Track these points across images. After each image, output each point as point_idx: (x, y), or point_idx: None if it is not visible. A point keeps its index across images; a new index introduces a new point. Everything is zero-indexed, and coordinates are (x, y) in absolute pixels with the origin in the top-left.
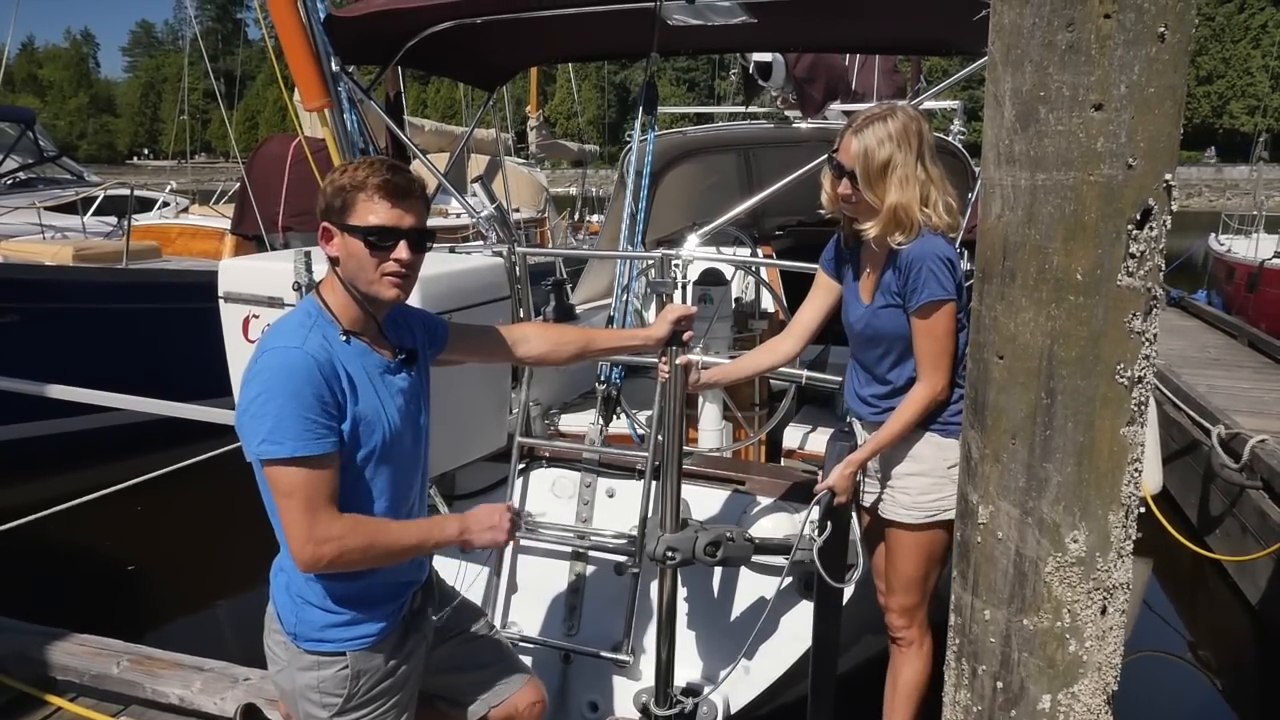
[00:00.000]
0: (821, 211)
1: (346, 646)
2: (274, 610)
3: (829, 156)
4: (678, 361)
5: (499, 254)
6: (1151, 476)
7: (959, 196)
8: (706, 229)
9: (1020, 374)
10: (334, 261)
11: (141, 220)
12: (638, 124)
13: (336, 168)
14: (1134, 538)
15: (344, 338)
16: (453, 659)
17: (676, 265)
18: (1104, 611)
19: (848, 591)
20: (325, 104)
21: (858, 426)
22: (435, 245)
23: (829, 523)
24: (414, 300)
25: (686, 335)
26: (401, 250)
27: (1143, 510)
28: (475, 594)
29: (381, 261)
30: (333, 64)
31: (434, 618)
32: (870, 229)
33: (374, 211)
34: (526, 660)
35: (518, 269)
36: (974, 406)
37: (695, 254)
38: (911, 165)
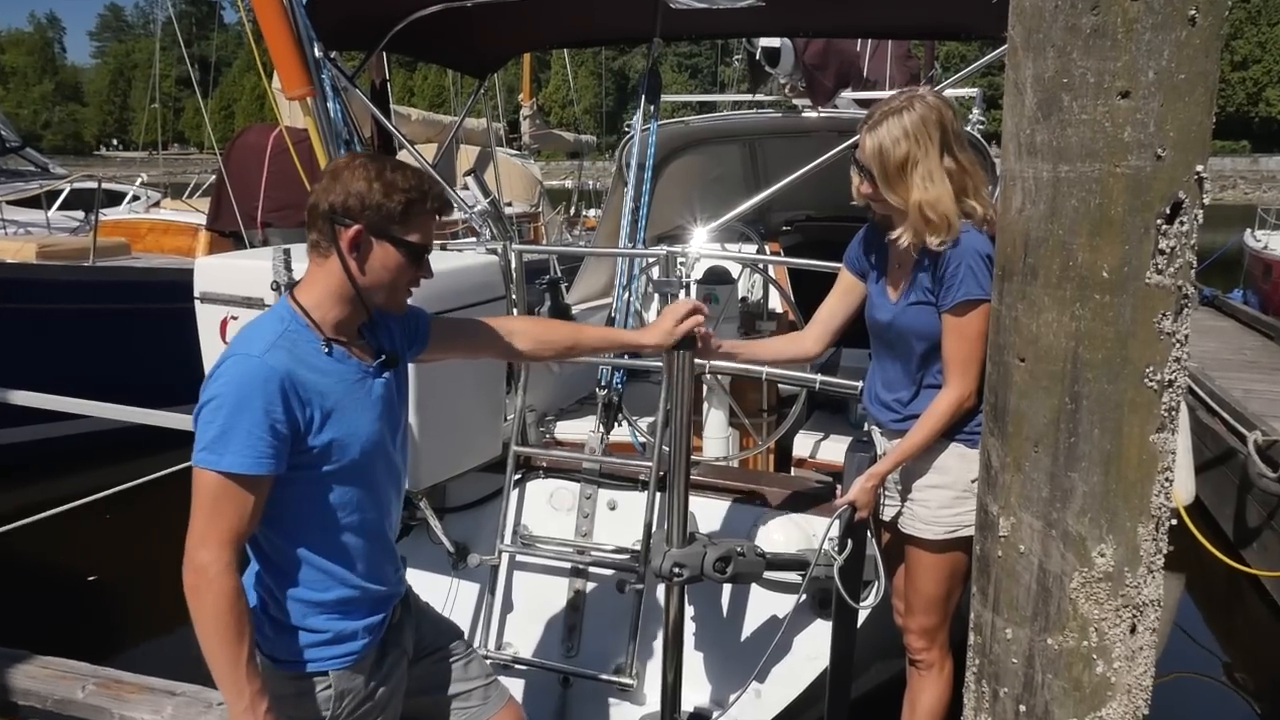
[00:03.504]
0: (854, 203)
1: (329, 666)
2: None
3: (852, 154)
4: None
5: (493, 251)
6: (1183, 486)
7: None
8: (715, 224)
9: (1043, 377)
10: (349, 263)
11: (110, 215)
12: (639, 113)
13: (376, 164)
14: (1165, 551)
15: (325, 348)
16: (429, 678)
17: (682, 263)
18: (1133, 630)
19: (864, 611)
20: (307, 92)
21: (877, 434)
22: None
23: (849, 540)
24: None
25: (701, 330)
26: (428, 265)
27: (1174, 522)
28: (468, 612)
29: (412, 277)
30: (315, 49)
31: (411, 632)
32: (901, 236)
33: (427, 226)
34: (523, 682)
35: (513, 267)
36: (994, 412)
37: (703, 251)
38: (935, 160)
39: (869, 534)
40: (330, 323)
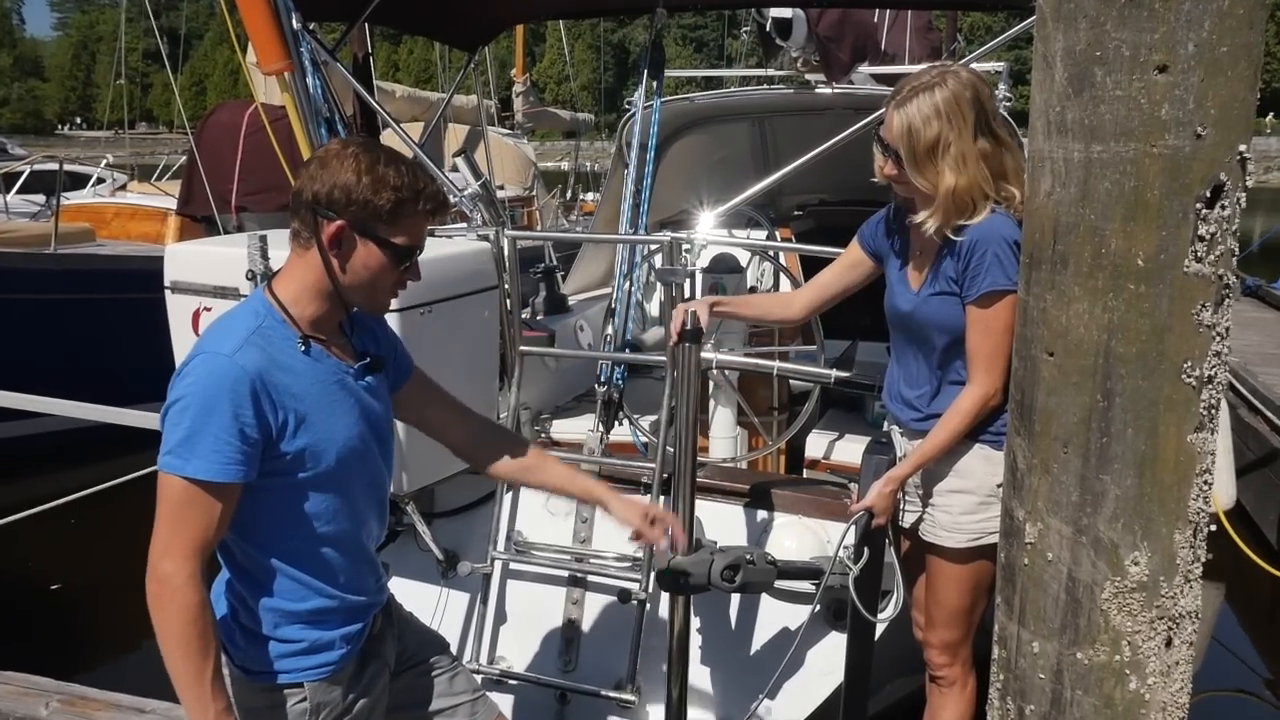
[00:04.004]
0: (874, 180)
1: (304, 677)
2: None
3: (875, 130)
4: (696, 312)
5: (484, 238)
6: (1223, 489)
7: None
8: (722, 209)
9: (1073, 373)
10: (330, 259)
11: (73, 199)
12: (641, 89)
13: (369, 155)
14: (1203, 559)
15: (302, 347)
16: (411, 692)
17: (687, 251)
18: (1169, 643)
19: (882, 623)
20: (285, 66)
21: (897, 434)
22: None
23: (865, 548)
24: None
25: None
26: (415, 268)
27: (1213, 528)
28: (458, 623)
29: (396, 279)
30: (293, 21)
31: (393, 644)
32: (927, 222)
33: (418, 227)
34: (517, 698)
35: (506, 254)
36: (1020, 410)
37: (709, 237)
38: (969, 141)
39: (887, 541)
40: (308, 319)
